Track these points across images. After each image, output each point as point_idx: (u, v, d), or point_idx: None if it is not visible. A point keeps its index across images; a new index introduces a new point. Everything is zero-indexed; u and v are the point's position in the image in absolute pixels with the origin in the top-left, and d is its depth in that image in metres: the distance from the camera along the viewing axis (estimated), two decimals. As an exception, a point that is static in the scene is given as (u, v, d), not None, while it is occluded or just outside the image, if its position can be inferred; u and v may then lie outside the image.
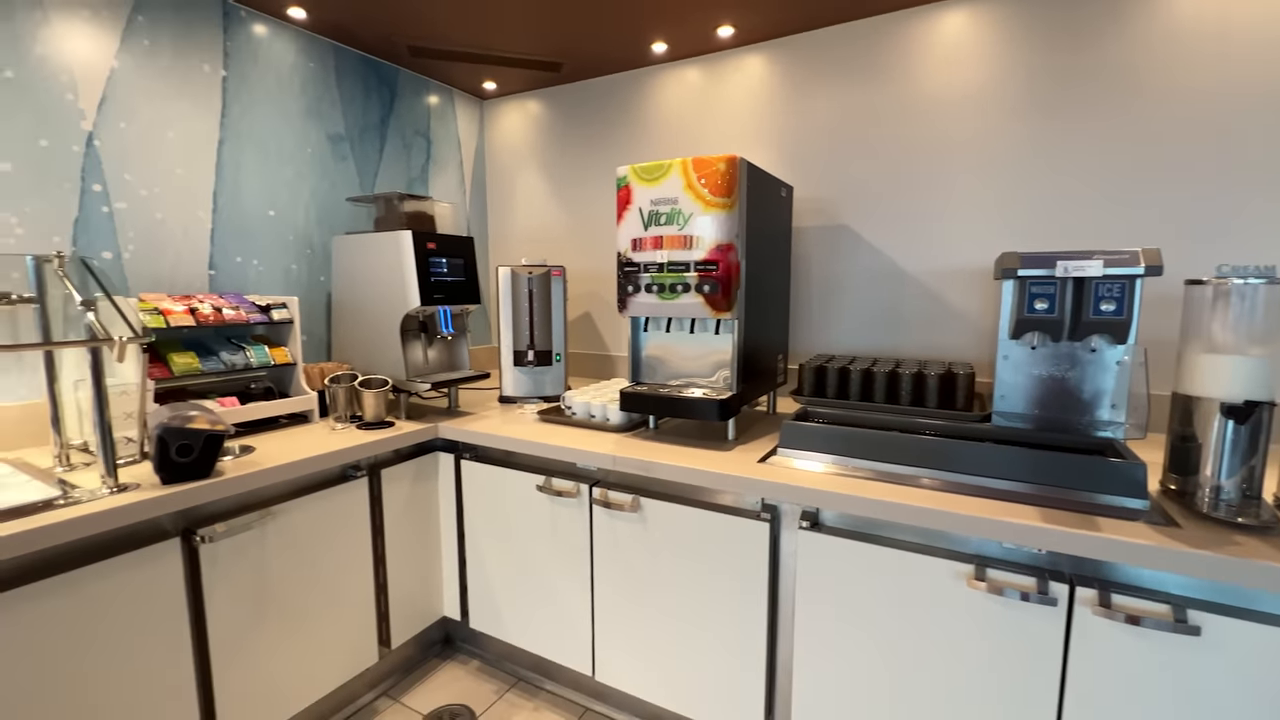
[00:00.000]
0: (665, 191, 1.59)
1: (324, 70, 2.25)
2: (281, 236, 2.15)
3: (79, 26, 1.65)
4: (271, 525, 1.53)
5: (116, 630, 1.25)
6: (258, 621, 1.51)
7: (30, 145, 1.57)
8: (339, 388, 1.89)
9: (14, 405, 1.57)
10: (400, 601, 1.91)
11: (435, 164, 2.74)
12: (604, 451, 1.63)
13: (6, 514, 1.15)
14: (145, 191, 1.80)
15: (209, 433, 1.38)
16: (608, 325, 2.73)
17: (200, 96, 1.91)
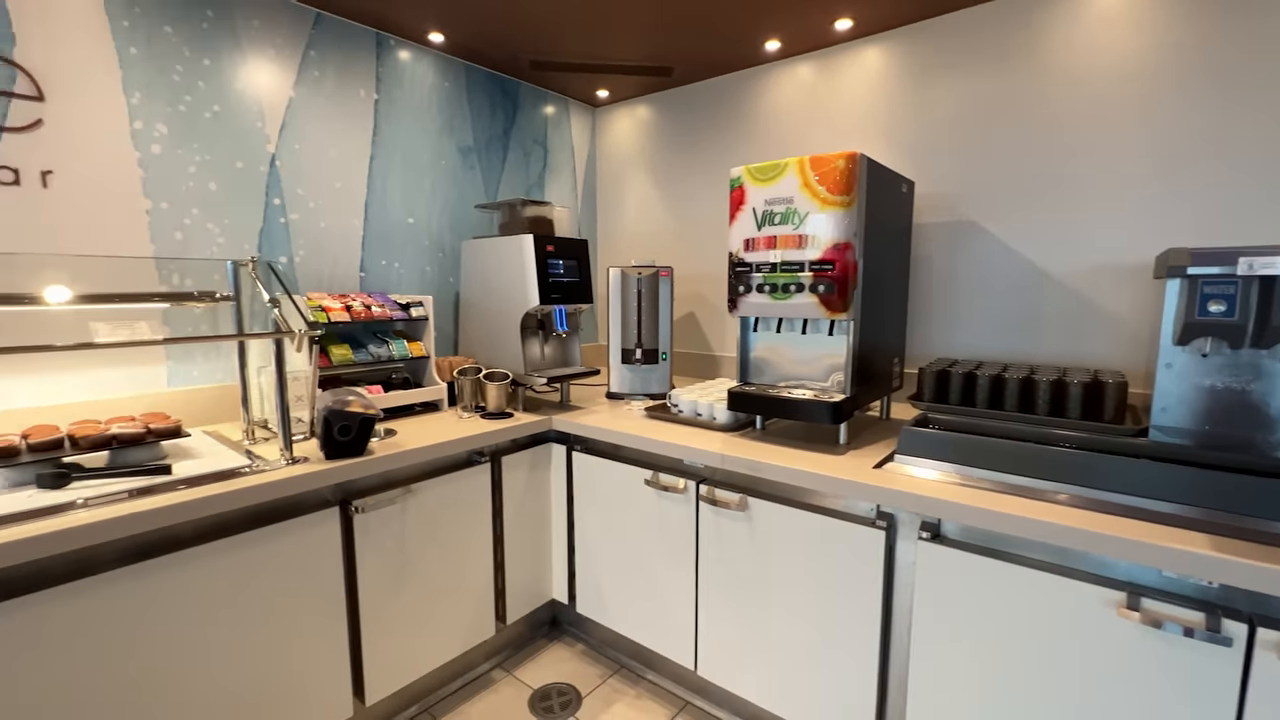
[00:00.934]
0: (780, 191, 1.59)
1: (456, 88, 2.46)
2: (418, 241, 2.38)
3: (265, 64, 1.92)
4: (411, 501, 1.70)
5: (291, 582, 1.46)
6: (397, 586, 1.69)
7: (230, 167, 1.86)
8: (466, 380, 2.06)
9: (212, 386, 1.86)
10: (515, 581, 2.04)
11: (551, 170, 2.89)
12: (712, 450, 1.65)
13: (214, 476, 1.38)
14: (312, 203, 2.06)
15: (363, 416, 1.56)
16: (712, 325, 2.75)
17: (356, 118, 2.15)
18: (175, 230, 1.76)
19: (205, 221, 1.82)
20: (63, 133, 1.56)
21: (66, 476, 1.28)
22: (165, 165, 1.73)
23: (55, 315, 1.56)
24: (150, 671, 1.25)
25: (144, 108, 1.68)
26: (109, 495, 1.24)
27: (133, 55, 1.66)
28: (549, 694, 1.96)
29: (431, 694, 1.92)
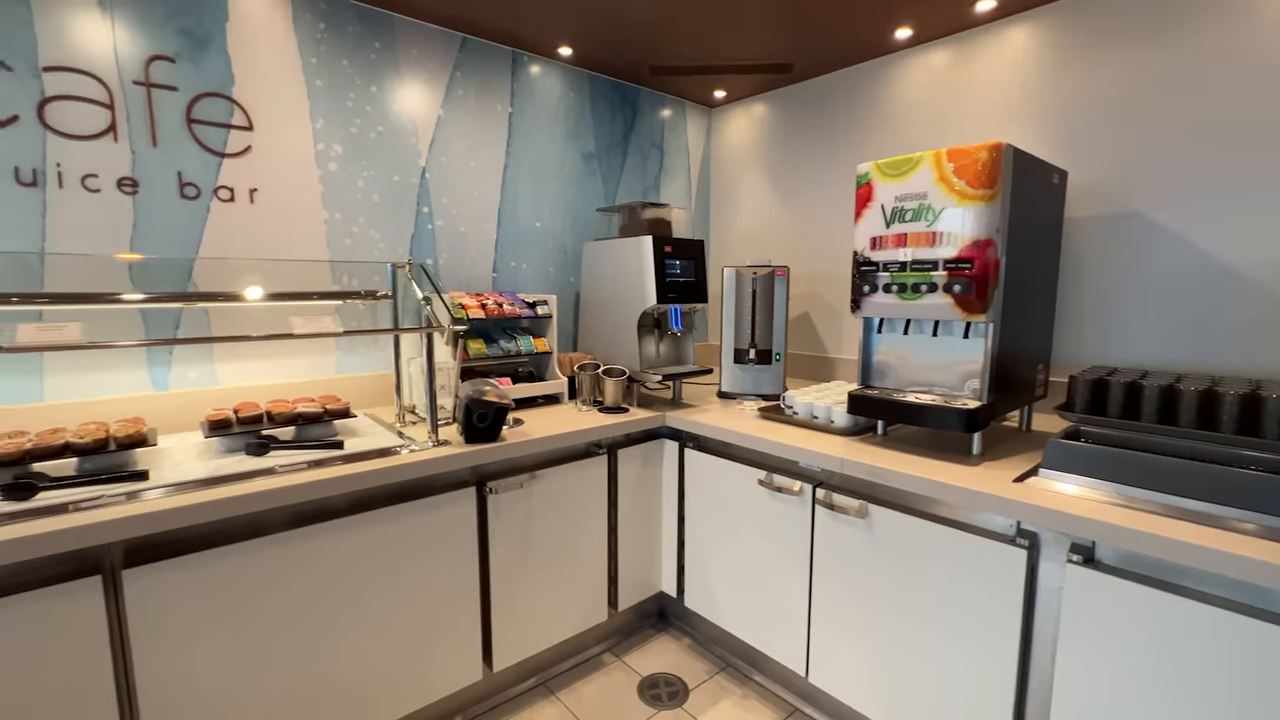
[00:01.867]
0: (912, 186, 1.52)
1: (580, 98, 2.59)
2: (543, 244, 2.53)
3: (420, 87, 2.14)
4: (536, 486, 1.82)
5: (433, 551, 1.62)
6: (522, 564, 1.82)
7: (389, 180, 2.10)
8: (585, 375, 2.17)
9: (371, 374, 2.11)
10: (627, 570, 2.12)
11: (666, 172, 2.95)
12: (830, 453, 1.62)
13: (376, 453, 1.57)
14: (455, 210, 2.26)
15: (499, 405, 1.70)
16: (828, 326, 2.67)
17: (493, 131, 2.34)
18: (345, 237, 2.02)
19: (369, 229, 2.06)
20: (265, 156, 1.84)
21: (266, 446, 1.51)
22: (339, 181, 1.99)
23: (255, 309, 1.85)
24: (311, 619, 1.45)
25: (325, 131, 1.95)
26: (297, 464, 1.46)
27: (318, 87, 1.92)
28: (657, 683, 2.02)
29: (548, 669, 2.04)
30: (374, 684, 1.55)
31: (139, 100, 1.63)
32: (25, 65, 1.49)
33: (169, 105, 1.68)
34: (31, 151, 1.51)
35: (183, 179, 1.71)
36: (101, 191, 1.60)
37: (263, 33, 1.81)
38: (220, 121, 1.76)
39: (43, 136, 1.52)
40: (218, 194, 1.77)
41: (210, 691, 1.31)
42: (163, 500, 1.24)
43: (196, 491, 1.28)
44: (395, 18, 2.05)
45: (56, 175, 1.54)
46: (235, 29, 1.76)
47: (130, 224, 1.65)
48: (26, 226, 1.52)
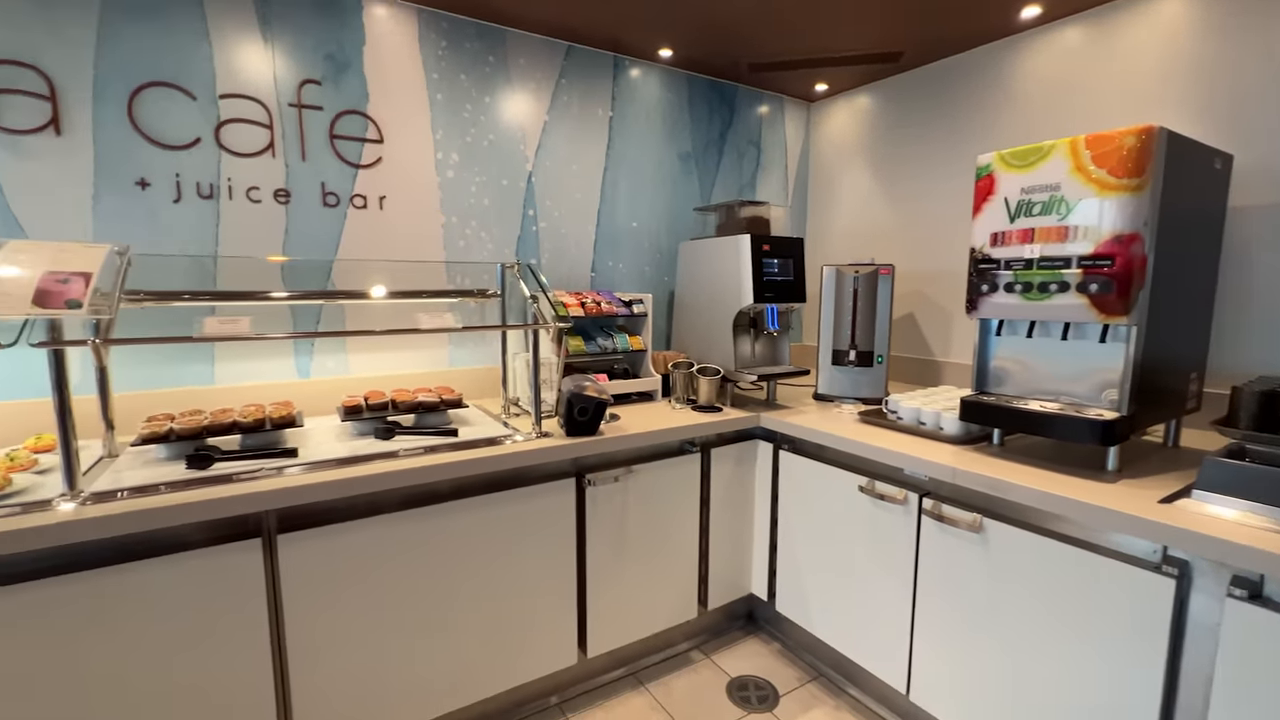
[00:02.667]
0: (1042, 177, 1.40)
1: (679, 99, 2.61)
2: (640, 243, 2.58)
3: (528, 96, 2.25)
4: (632, 481, 1.86)
5: (534, 538, 1.70)
6: (617, 556, 1.87)
7: (498, 186, 2.23)
8: (679, 373, 2.19)
9: (479, 368, 2.25)
10: (717, 570, 2.12)
11: (763, 170, 2.91)
12: (940, 462, 1.53)
13: (485, 442, 1.67)
14: (557, 213, 2.36)
15: (598, 400, 1.76)
16: (934, 328, 2.52)
17: (595, 135, 2.41)
18: (460, 239, 2.16)
19: (480, 231, 2.20)
20: (393, 166, 2.01)
21: (392, 431, 1.66)
22: (455, 187, 2.14)
23: (383, 305, 2.03)
24: (428, 591, 1.57)
25: (444, 141, 2.10)
26: (418, 449, 1.59)
27: (439, 100, 2.07)
28: (746, 685, 2.00)
29: (637, 660, 2.08)
30: (481, 656, 1.65)
31: (292, 120, 1.84)
32: (206, 94, 1.72)
33: (316, 123, 1.88)
34: (209, 169, 1.75)
35: (325, 189, 1.91)
36: (261, 202, 1.82)
37: (393, 53, 1.98)
38: (356, 136, 1.95)
39: (218, 155, 1.75)
40: (353, 201, 1.96)
41: (342, 644, 1.46)
42: (310, 475, 1.39)
43: (337, 469, 1.43)
44: (508, 31, 2.17)
45: (227, 189, 1.77)
46: (371, 51, 1.94)
47: (283, 230, 1.86)
48: (204, 234, 1.76)
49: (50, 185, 1.57)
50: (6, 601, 1.11)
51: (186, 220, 1.73)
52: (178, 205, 1.72)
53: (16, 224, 1.54)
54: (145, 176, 1.67)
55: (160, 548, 1.25)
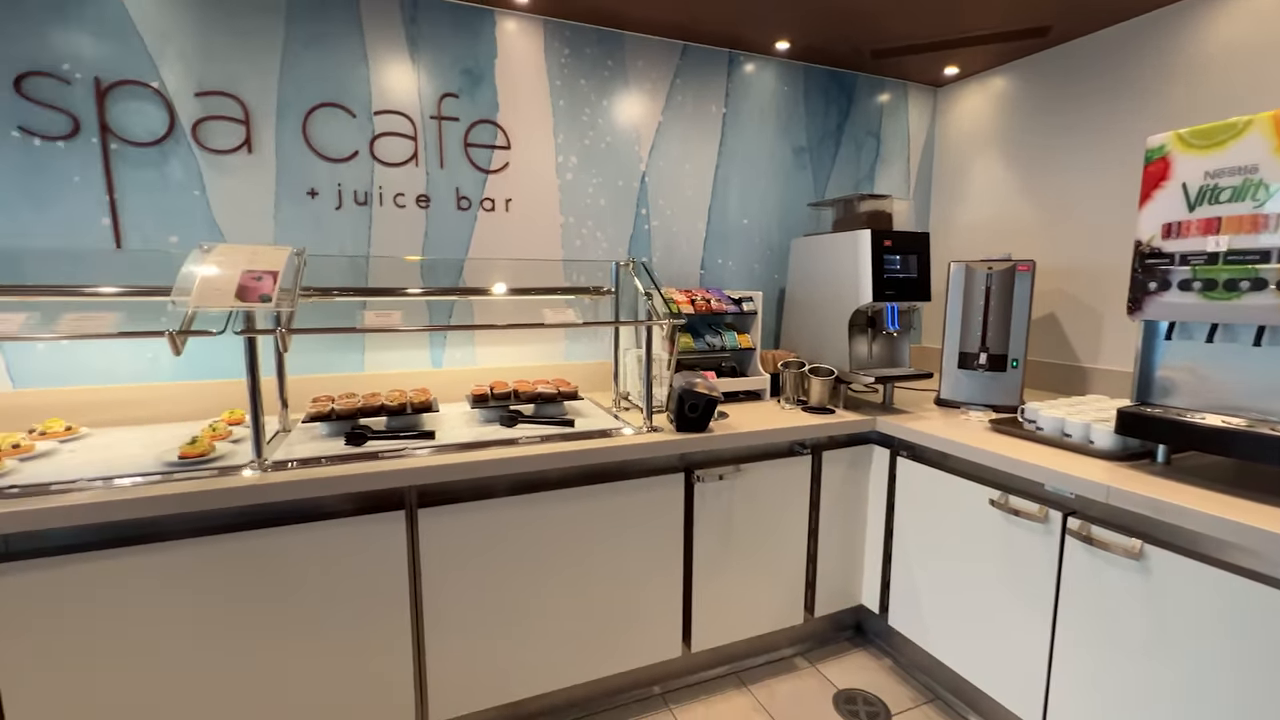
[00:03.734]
0: (1234, 158, 1.22)
1: (794, 91, 2.54)
2: (750, 240, 2.55)
3: (643, 97, 2.30)
4: (740, 479, 1.86)
5: (641, 530, 1.75)
6: (723, 553, 1.87)
7: (614, 186, 2.30)
8: (790, 373, 2.14)
9: (591, 362, 2.34)
10: (826, 576, 2.05)
11: (882, 162, 2.76)
12: (1091, 478, 1.38)
13: (599, 433, 1.73)
14: (669, 211, 2.39)
15: (709, 397, 1.76)
16: (1081, 331, 2.28)
17: (707, 132, 2.42)
18: (576, 238, 2.26)
19: (596, 230, 2.28)
20: (518, 170, 2.14)
21: (515, 419, 1.77)
22: (573, 188, 2.23)
23: (507, 301, 2.16)
24: (542, 572, 1.65)
25: (564, 145, 2.20)
26: (536, 437, 1.68)
27: (560, 106, 2.17)
28: (855, 699, 1.92)
29: (740, 660, 2.07)
30: (589, 639, 1.72)
31: (433, 131, 2.01)
32: (363, 111, 1.93)
33: (452, 133, 2.04)
34: (364, 178, 1.95)
35: (459, 193, 2.07)
36: (406, 207, 2.01)
37: (521, 64, 2.10)
38: (487, 143, 2.09)
39: (371, 166, 1.96)
40: (483, 205, 2.11)
41: (469, 612, 1.58)
42: (445, 456, 1.52)
43: (468, 452, 1.55)
44: (626, 35, 2.23)
45: (379, 196, 1.97)
46: (502, 63, 2.07)
47: (423, 232, 2.04)
48: (359, 236, 1.97)
49: (243, 196, 1.83)
50: (207, 549, 1.32)
51: (345, 225, 1.95)
52: (339, 211, 1.94)
53: (218, 230, 1.81)
54: (314, 187, 1.90)
55: (322, 513, 1.42)
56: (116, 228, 1.71)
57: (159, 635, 1.30)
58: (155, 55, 1.70)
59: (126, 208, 1.72)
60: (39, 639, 1.22)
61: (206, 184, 1.79)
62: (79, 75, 1.64)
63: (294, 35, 1.83)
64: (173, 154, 1.75)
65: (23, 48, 1.59)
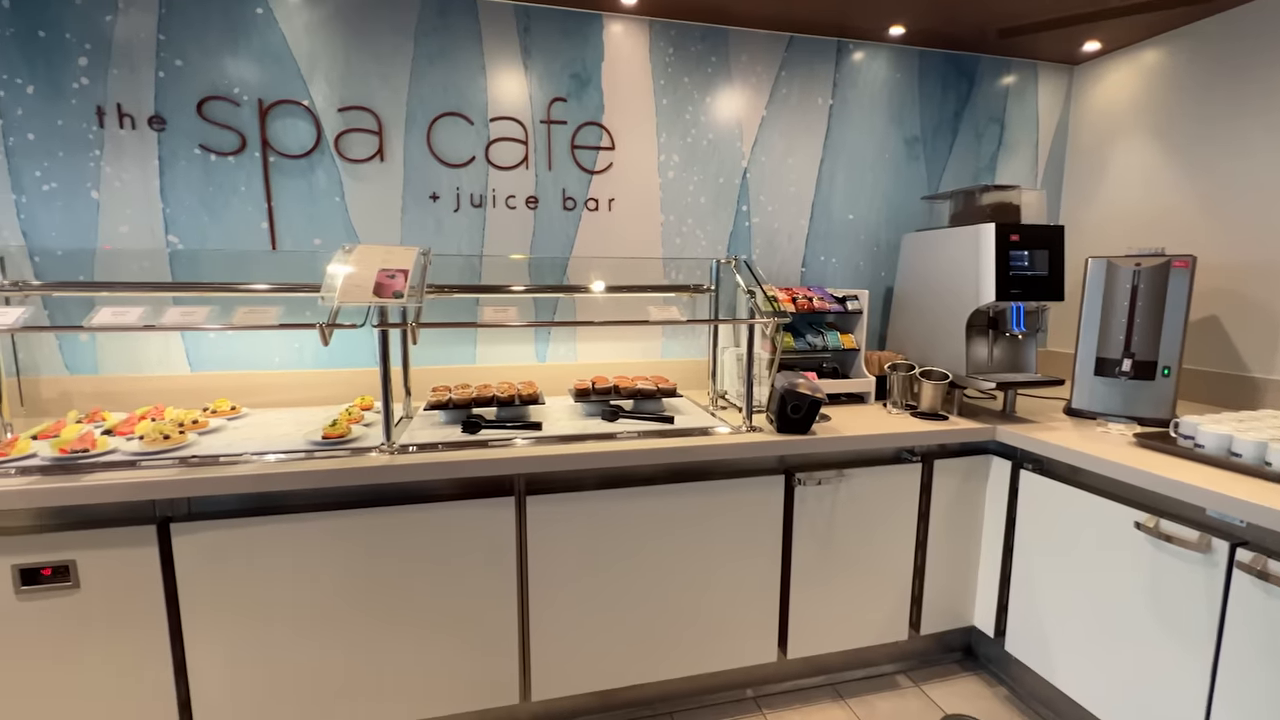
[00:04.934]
0: None
1: (907, 78, 2.40)
2: (855, 237, 2.45)
3: (747, 92, 2.27)
4: (843, 484, 1.79)
5: (738, 530, 1.73)
6: (823, 560, 1.81)
7: (715, 184, 2.28)
8: (898, 375, 2.03)
9: (687, 360, 2.34)
10: (934, 593, 1.93)
11: (1005, 150, 2.55)
12: (1272, 506, 1.21)
13: (697, 431, 1.73)
14: (770, 208, 2.35)
15: (813, 398, 1.71)
16: (1252, 336, 1.99)
17: (812, 126, 2.34)
18: (676, 236, 2.27)
19: (696, 229, 2.28)
20: (622, 170, 2.18)
21: (616, 414, 1.81)
22: (675, 186, 2.24)
23: (607, 298, 2.22)
24: (639, 564, 1.67)
25: (667, 144, 2.21)
26: (636, 432, 1.71)
27: (664, 105, 2.19)
28: (964, 725, 1.80)
29: (837, 672, 2.00)
30: (684, 635, 1.73)
31: (542, 135, 2.10)
32: (480, 119, 2.04)
33: (560, 136, 2.11)
34: (479, 182, 2.07)
35: (565, 194, 2.15)
36: (516, 209, 2.11)
37: (626, 64, 2.14)
38: (592, 145, 2.15)
39: (486, 170, 2.07)
40: (587, 205, 2.17)
41: (569, 596, 1.64)
42: (552, 448, 1.58)
43: (573, 445, 1.61)
44: (730, 30, 2.21)
45: (492, 198, 2.09)
46: (608, 66, 2.12)
47: (531, 232, 2.14)
48: (474, 236, 2.10)
49: (375, 201, 2.00)
50: (342, 521, 1.46)
51: (461, 226, 2.08)
52: (456, 213, 2.07)
53: (354, 232, 2.00)
54: (436, 190, 2.04)
55: (441, 494, 1.53)
56: (273, 231, 1.93)
57: (299, 592, 1.45)
58: (306, 76, 1.90)
59: (281, 213, 1.93)
60: (211, 585, 1.41)
61: (345, 190, 1.97)
62: (246, 97, 1.87)
63: (421, 52, 1.97)
64: (318, 164, 1.94)
65: (205, 77, 1.83)
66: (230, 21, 1.83)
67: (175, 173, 1.85)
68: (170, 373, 1.92)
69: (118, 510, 1.36)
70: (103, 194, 1.81)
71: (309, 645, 1.48)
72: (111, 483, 1.31)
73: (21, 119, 1.74)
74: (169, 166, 1.84)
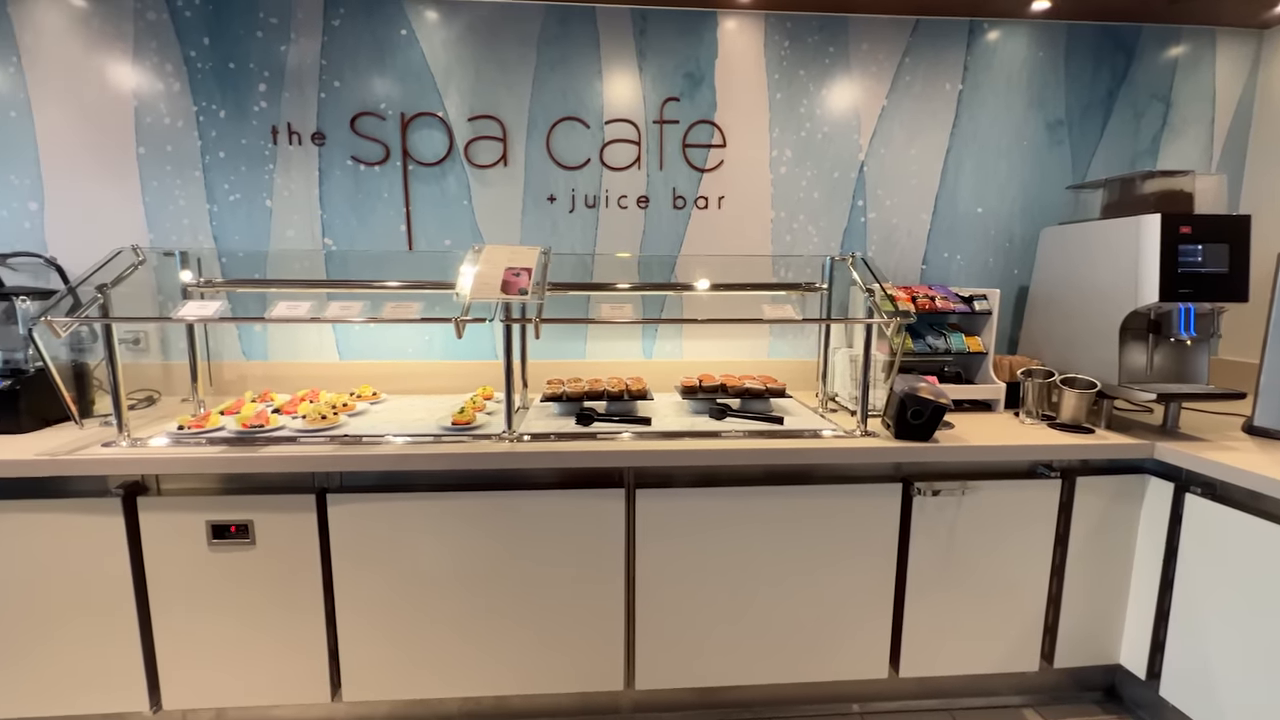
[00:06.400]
0: None
1: (1051, 56, 2.19)
2: (984, 231, 2.27)
3: (867, 81, 2.17)
4: (967, 498, 1.67)
5: (847, 539, 1.66)
6: (942, 576, 1.70)
7: (829, 178, 2.21)
8: (1034, 382, 1.86)
9: (794, 360, 2.28)
10: (1071, 624, 1.75)
11: (1171, 131, 2.25)
12: None
13: (808, 433, 1.69)
14: (889, 202, 2.23)
15: (936, 404, 1.61)
16: None
17: (938, 113, 2.20)
18: (786, 233, 2.22)
19: (807, 225, 2.22)
20: (732, 167, 2.17)
21: (725, 413, 1.80)
22: (787, 182, 2.20)
23: (714, 297, 2.21)
24: (744, 565, 1.65)
25: (780, 139, 2.17)
26: (745, 431, 1.69)
27: (777, 100, 2.15)
28: (1107, 773, 1.62)
29: (955, 698, 1.87)
30: (788, 641, 1.69)
31: (654, 135, 2.13)
32: (596, 122, 2.11)
33: (672, 136, 2.14)
34: (594, 183, 2.14)
35: (675, 193, 2.17)
36: (628, 208, 2.16)
37: (740, 61, 2.12)
38: (703, 143, 2.15)
39: (600, 172, 2.14)
40: (697, 203, 2.18)
41: (674, 590, 1.66)
42: (661, 443, 1.61)
43: (681, 441, 1.62)
44: (850, 18, 2.12)
45: (605, 198, 2.15)
46: (722, 63, 2.11)
47: (641, 231, 2.18)
48: (586, 236, 2.17)
49: (498, 204, 2.13)
50: (466, 502, 1.57)
51: (575, 226, 2.16)
52: (571, 214, 2.15)
53: (479, 233, 2.14)
54: (553, 192, 2.14)
55: (555, 482, 1.61)
56: (409, 233, 2.11)
57: (427, 562, 1.58)
58: (442, 89, 2.06)
59: (416, 216, 2.11)
60: (356, 549, 1.57)
61: (473, 194, 2.12)
62: (390, 112, 2.06)
63: (543, 60, 2.07)
64: (450, 170, 2.10)
65: (357, 95, 2.04)
66: (379, 43, 2.02)
67: (331, 182, 2.08)
68: (323, 360, 2.16)
69: (285, 479, 1.56)
70: (274, 202, 2.07)
71: (432, 609, 1.61)
72: (283, 455, 1.50)
73: (215, 139, 2.02)
74: (326, 177, 2.07)
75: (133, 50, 1.97)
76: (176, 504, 1.52)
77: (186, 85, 1.99)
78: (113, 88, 1.98)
